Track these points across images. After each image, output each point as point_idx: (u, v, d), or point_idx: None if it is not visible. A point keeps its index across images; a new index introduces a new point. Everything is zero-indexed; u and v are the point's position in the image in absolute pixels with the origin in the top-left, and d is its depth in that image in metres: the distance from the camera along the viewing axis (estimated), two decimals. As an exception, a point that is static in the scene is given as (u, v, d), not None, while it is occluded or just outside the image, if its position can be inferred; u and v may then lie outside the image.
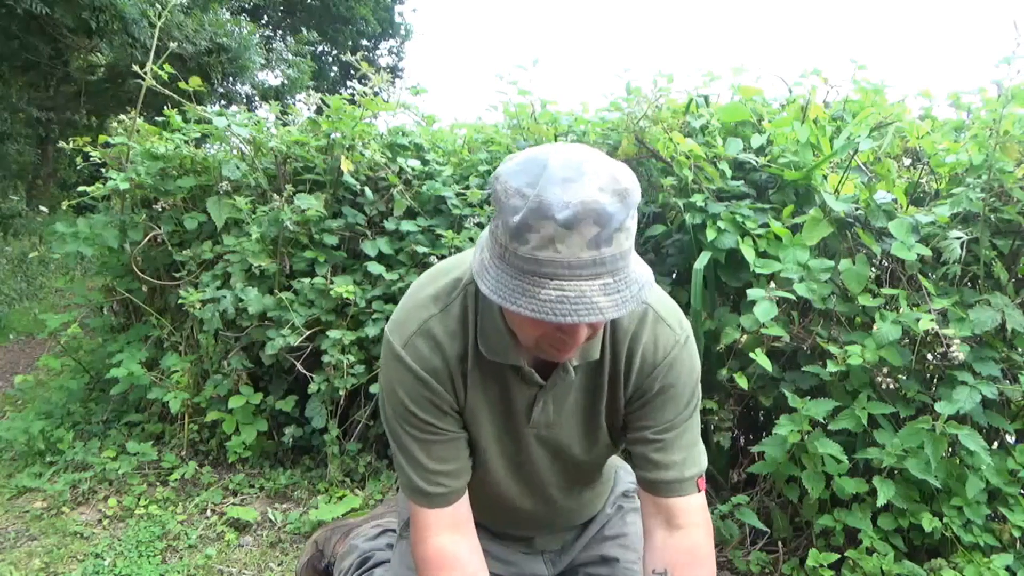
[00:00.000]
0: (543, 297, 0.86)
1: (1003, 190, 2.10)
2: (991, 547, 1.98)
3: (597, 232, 0.84)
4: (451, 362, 1.08)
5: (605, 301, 0.87)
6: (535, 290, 0.86)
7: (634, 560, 1.31)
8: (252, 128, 3.10)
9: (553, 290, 0.85)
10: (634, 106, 2.51)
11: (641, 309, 1.12)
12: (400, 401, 1.10)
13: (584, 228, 0.83)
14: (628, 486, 1.46)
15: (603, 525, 1.41)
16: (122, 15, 8.29)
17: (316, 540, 1.82)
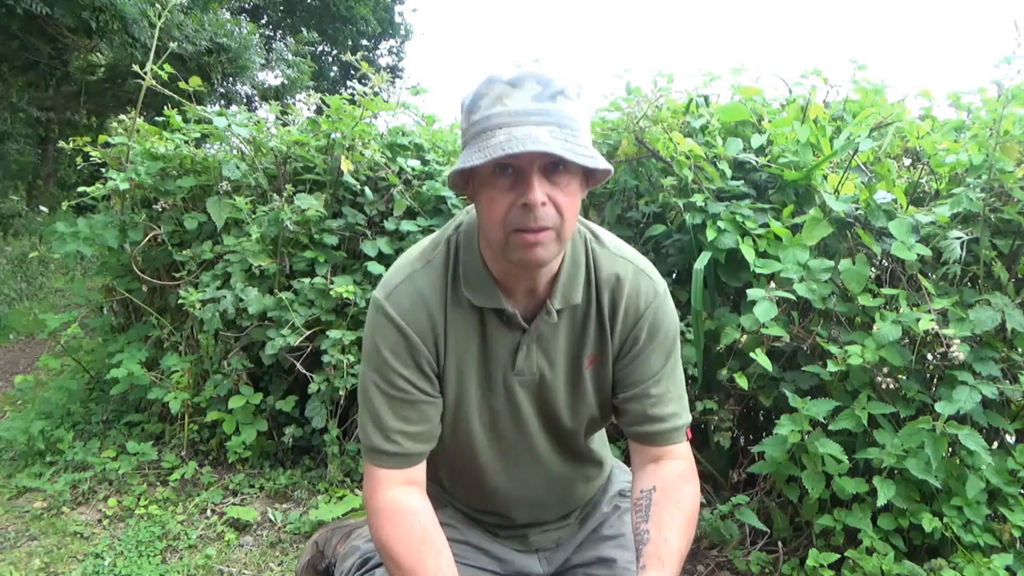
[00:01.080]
0: (493, 143, 0.96)
1: (1003, 190, 2.10)
2: (991, 547, 1.98)
3: (540, 90, 0.98)
4: (434, 314, 1.12)
5: (551, 139, 0.95)
6: (487, 142, 0.97)
7: (631, 560, 1.29)
8: (252, 128, 3.10)
9: (502, 136, 0.95)
10: (634, 106, 2.51)
11: (621, 263, 1.20)
12: (379, 353, 1.12)
13: (527, 85, 0.98)
14: (624, 485, 1.46)
15: (600, 524, 1.40)
16: (122, 15, 8.29)
17: (316, 540, 1.82)
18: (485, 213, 1.05)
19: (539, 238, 1.01)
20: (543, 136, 0.94)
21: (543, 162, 0.99)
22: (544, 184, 0.99)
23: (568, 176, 1.02)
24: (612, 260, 1.19)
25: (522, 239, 1.01)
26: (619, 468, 1.50)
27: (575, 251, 1.17)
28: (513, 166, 0.99)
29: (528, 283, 1.13)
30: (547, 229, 1.01)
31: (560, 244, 1.06)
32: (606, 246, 1.20)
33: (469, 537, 1.34)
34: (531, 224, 1.00)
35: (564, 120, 0.98)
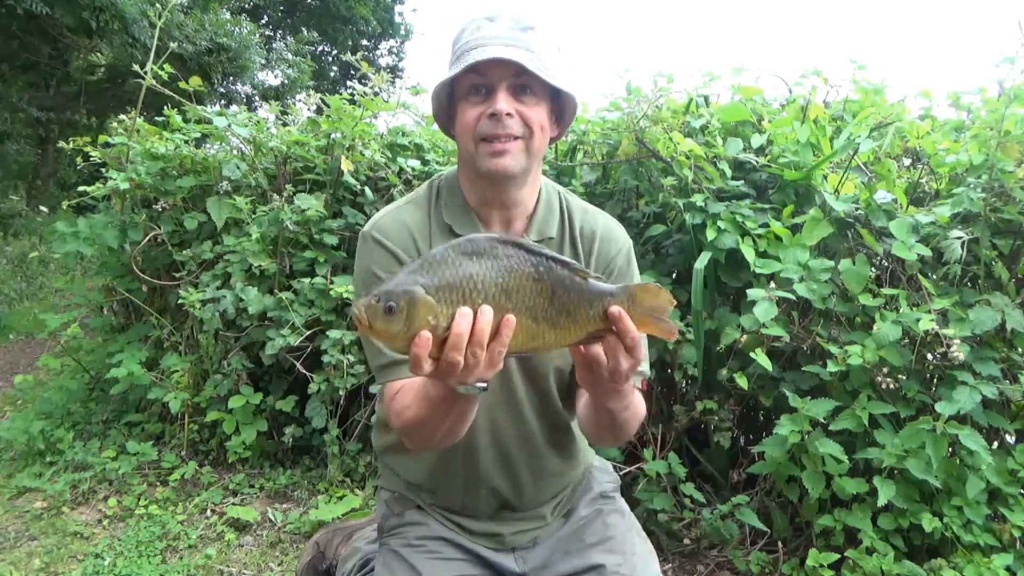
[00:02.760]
0: (468, 59, 1.09)
1: (1003, 190, 2.10)
2: (991, 547, 1.98)
3: (514, 23, 1.14)
4: (418, 240, 1.22)
5: (519, 54, 1.09)
6: (462, 59, 1.11)
7: (619, 563, 1.28)
8: (252, 128, 3.10)
9: (476, 52, 1.10)
10: (634, 106, 2.50)
11: (594, 211, 1.33)
12: (372, 274, 1.19)
13: (503, 20, 1.14)
14: (606, 486, 1.44)
15: (581, 528, 1.37)
16: (122, 15, 8.30)
17: (317, 541, 1.82)
18: (459, 127, 1.16)
19: (506, 147, 1.12)
20: (511, 51, 1.08)
21: (512, 81, 1.12)
22: (511, 100, 1.12)
23: (535, 99, 1.14)
24: (585, 209, 1.33)
25: (490, 148, 1.12)
26: (600, 469, 1.48)
27: (548, 195, 1.29)
28: (484, 85, 1.12)
29: (503, 212, 1.22)
30: (514, 139, 1.12)
31: (529, 158, 1.16)
32: (579, 201, 1.34)
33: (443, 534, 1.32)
34: (498, 131, 1.11)
35: (532, 47, 1.12)
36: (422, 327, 0.84)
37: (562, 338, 0.92)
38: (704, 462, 2.55)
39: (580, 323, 0.91)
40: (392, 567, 1.27)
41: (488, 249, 0.89)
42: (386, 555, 1.31)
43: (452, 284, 0.86)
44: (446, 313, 0.85)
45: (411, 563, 1.25)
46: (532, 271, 0.90)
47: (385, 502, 1.40)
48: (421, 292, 0.84)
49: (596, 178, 2.73)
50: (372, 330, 0.85)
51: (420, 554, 1.27)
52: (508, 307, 0.88)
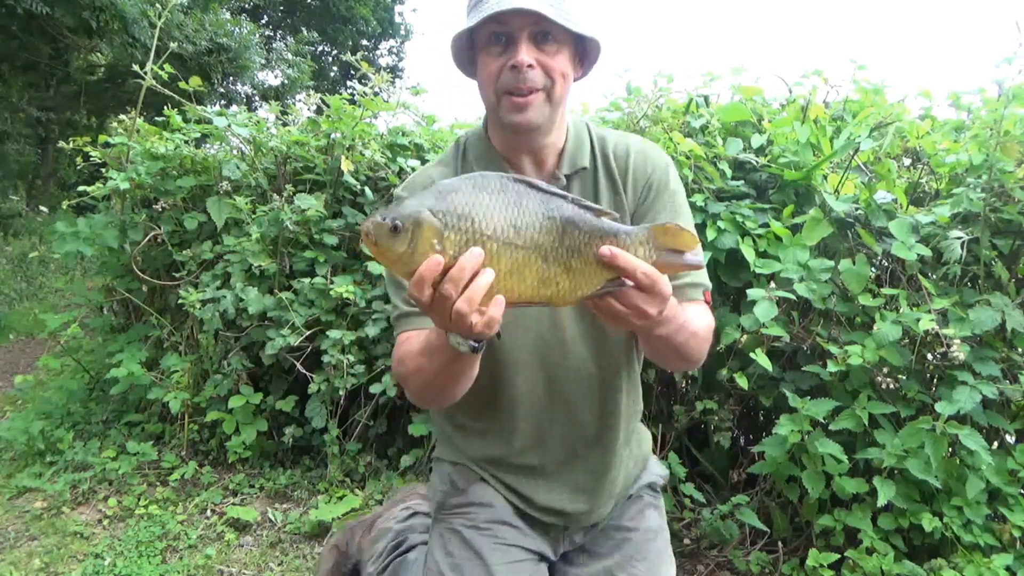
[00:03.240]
0: (485, 7, 1.06)
1: (1003, 190, 2.10)
2: (991, 547, 1.98)
3: None
4: None
5: (539, 2, 1.04)
6: (480, 9, 1.07)
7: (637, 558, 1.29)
8: (252, 128, 3.10)
9: (494, 2, 1.06)
10: (634, 106, 2.51)
11: (626, 136, 1.29)
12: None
13: None
14: (656, 478, 1.44)
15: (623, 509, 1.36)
16: (122, 15, 8.30)
17: (336, 544, 1.79)
18: (481, 77, 1.14)
19: (528, 100, 1.10)
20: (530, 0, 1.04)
21: (532, 29, 1.09)
22: (532, 50, 1.09)
23: (557, 45, 1.11)
24: (617, 135, 1.29)
25: (512, 102, 1.11)
26: (655, 461, 1.48)
27: (577, 129, 1.26)
28: (505, 34, 1.10)
29: (532, 154, 1.21)
30: (536, 91, 1.10)
31: (552, 107, 1.14)
32: (609, 130, 1.31)
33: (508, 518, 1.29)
34: (520, 85, 1.09)
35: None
36: (426, 250, 0.83)
37: (578, 285, 0.89)
38: (704, 462, 2.55)
39: (594, 266, 0.88)
40: (453, 550, 1.23)
41: (500, 184, 0.88)
42: (446, 535, 1.27)
43: (461, 212, 0.85)
44: (452, 240, 0.84)
45: (476, 549, 1.22)
46: (542, 207, 0.88)
47: (448, 475, 1.34)
48: (428, 215, 0.84)
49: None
50: (377, 248, 0.84)
51: (486, 538, 1.23)
52: (517, 242, 0.86)
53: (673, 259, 0.91)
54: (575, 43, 1.15)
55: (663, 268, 0.90)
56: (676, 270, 0.93)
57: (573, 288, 0.89)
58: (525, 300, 0.88)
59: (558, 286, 0.88)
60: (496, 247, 0.85)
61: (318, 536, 2.50)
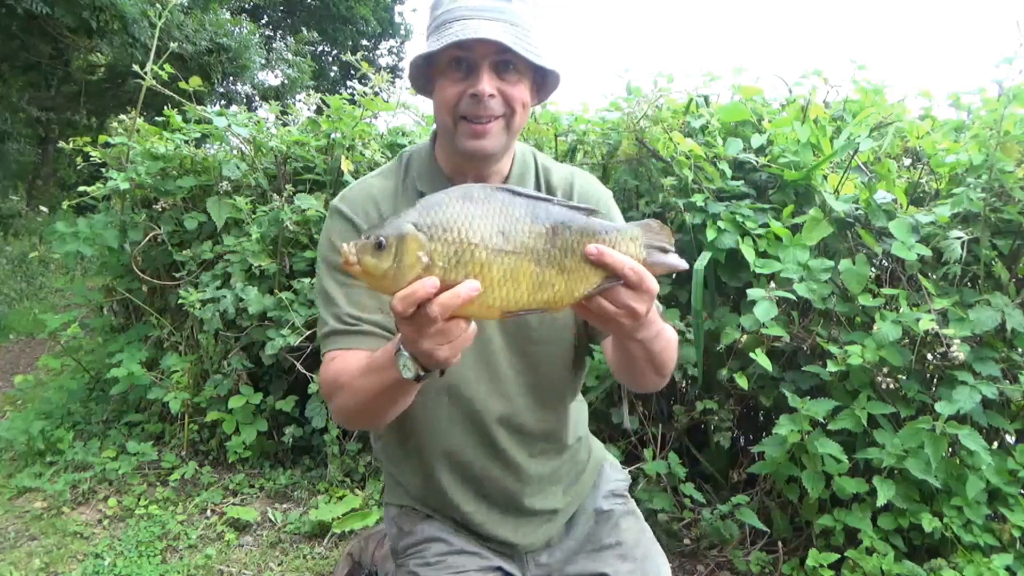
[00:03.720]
0: (448, 33, 1.05)
1: (1003, 190, 2.10)
2: (991, 547, 1.98)
3: None
4: (382, 207, 1.19)
5: (502, 33, 1.04)
6: (443, 33, 1.06)
7: (630, 570, 1.26)
8: (252, 128, 3.10)
9: (457, 27, 1.05)
10: (634, 106, 2.50)
11: (569, 168, 1.30)
12: (331, 245, 1.17)
13: None
14: (616, 485, 1.41)
15: (594, 529, 1.34)
16: (122, 15, 8.30)
17: (350, 553, 1.79)
18: (437, 100, 1.13)
19: (487, 128, 1.10)
20: (494, 29, 1.04)
21: (494, 58, 1.08)
22: (494, 79, 1.08)
23: (518, 75, 1.11)
24: (560, 167, 1.31)
25: (470, 128, 1.10)
26: (611, 465, 1.45)
27: (524, 157, 1.26)
28: (467, 60, 1.09)
29: (477, 179, 1.19)
30: (495, 119, 1.10)
31: (509, 136, 1.13)
32: (553, 162, 1.32)
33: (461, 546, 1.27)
34: (480, 112, 1.08)
35: (516, 19, 1.08)
36: (412, 263, 0.81)
37: (574, 285, 0.88)
38: (704, 462, 2.55)
39: (588, 265, 0.88)
40: None
41: (484, 194, 0.86)
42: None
43: (445, 223, 0.83)
44: (440, 252, 0.82)
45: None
46: (528, 211, 0.87)
47: (394, 520, 1.35)
48: (411, 228, 0.82)
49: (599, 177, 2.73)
50: (361, 267, 0.82)
51: (439, 571, 1.22)
52: (507, 248, 0.84)
53: (660, 257, 0.92)
54: (534, 73, 1.15)
55: (650, 267, 0.90)
56: (662, 270, 0.92)
57: (569, 289, 0.88)
58: (523, 307, 0.87)
59: (554, 288, 0.87)
60: (486, 255, 0.84)
61: (318, 536, 2.50)
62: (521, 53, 1.05)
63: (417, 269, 0.82)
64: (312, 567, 2.33)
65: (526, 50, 1.06)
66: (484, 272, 0.84)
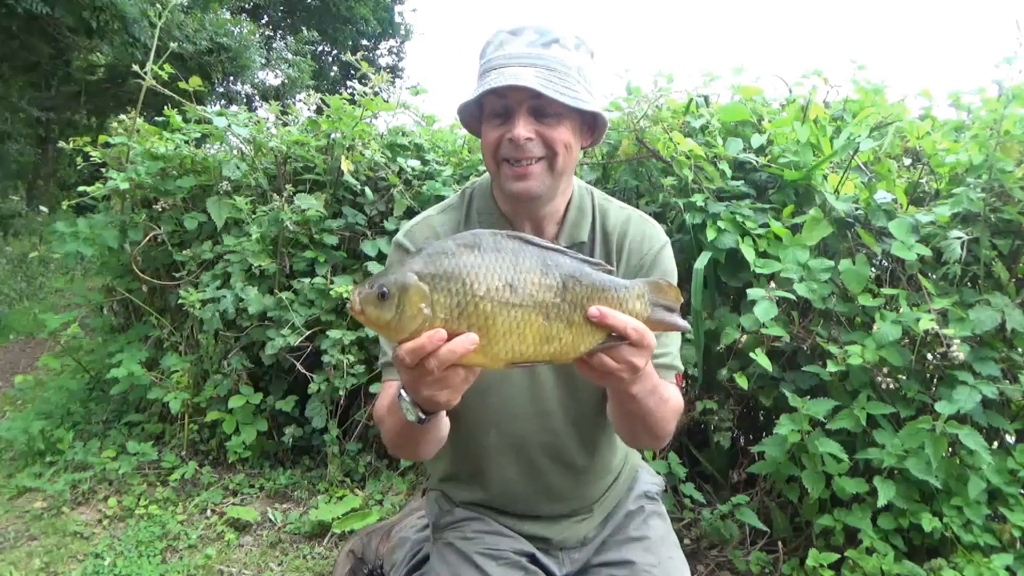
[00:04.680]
0: (485, 81, 1.09)
1: (1003, 190, 2.10)
2: (991, 547, 1.98)
3: (537, 38, 1.11)
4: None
5: (534, 78, 1.06)
6: (482, 81, 1.10)
7: (654, 563, 1.29)
8: (252, 128, 3.10)
9: (494, 75, 1.08)
10: (634, 106, 2.50)
11: (627, 211, 1.30)
12: None
13: (526, 34, 1.12)
14: (650, 487, 1.45)
15: (623, 525, 1.38)
16: (122, 15, 8.30)
17: (352, 550, 1.79)
18: (483, 144, 1.17)
19: (528, 170, 1.11)
20: (526, 75, 1.06)
21: (531, 103, 1.09)
22: (532, 123, 1.10)
23: (557, 118, 1.11)
24: (619, 210, 1.30)
25: (512, 171, 1.12)
26: (646, 470, 1.49)
27: (581, 199, 1.27)
28: (505, 106, 1.11)
29: (534, 221, 1.22)
30: (536, 160, 1.11)
31: (554, 177, 1.14)
32: (612, 202, 1.31)
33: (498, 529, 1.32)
34: (518, 155, 1.10)
35: (554, 64, 1.09)
36: (414, 314, 0.81)
37: (581, 339, 0.88)
38: (704, 462, 2.55)
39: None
40: (448, 559, 1.27)
41: (493, 243, 0.85)
42: (442, 548, 1.31)
43: (451, 274, 0.82)
44: (443, 303, 0.82)
45: (471, 558, 1.25)
46: (539, 263, 0.85)
47: (435, 500, 1.40)
48: (414, 279, 0.82)
49: (596, 178, 2.73)
50: (365, 316, 0.83)
51: (480, 547, 1.27)
52: (514, 300, 0.84)
53: (664, 316, 0.92)
54: (580, 116, 1.15)
55: (654, 325, 0.90)
56: (665, 329, 0.93)
57: (576, 344, 0.87)
58: (527, 359, 0.86)
59: (561, 342, 0.86)
60: (490, 307, 0.83)
61: (318, 536, 2.50)
62: (553, 96, 1.06)
63: (419, 320, 0.82)
64: (312, 567, 2.33)
65: (560, 93, 1.07)
66: (488, 324, 0.83)
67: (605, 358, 0.89)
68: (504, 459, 1.28)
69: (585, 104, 1.10)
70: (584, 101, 1.10)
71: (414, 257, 0.85)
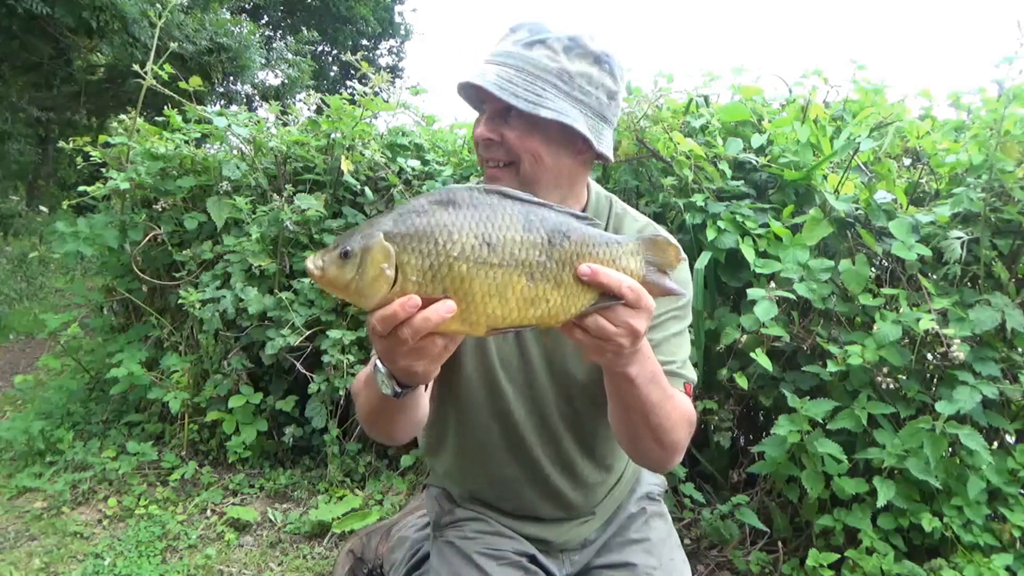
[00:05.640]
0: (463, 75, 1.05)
1: (1003, 190, 2.10)
2: (991, 547, 1.98)
3: (525, 36, 1.04)
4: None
5: (493, 77, 1.01)
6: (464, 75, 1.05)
7: (655, 566, 1.28)
8: (252, 128, 3.10)
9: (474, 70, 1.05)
10: (634, 106, 2.50)
11: (643, 222, 1.23)
12: None
13: (520, 32, 1.06)
14: (653, 488, 1.44)
15: (625, 527, 1.37)
16: (122, 15, 8.30)
17: (351, 549, 1.79)
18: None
19: (495, 173, 1.08)
20: (490, 74, 1.02)
21: (498, 104, 1.04)
22: (500, 124, 1.05)
23: (527, 124, 1.04)
24: (634, 221, 1.23)
25: (488, 171, 1.10)
26: (649, 471, 1.46)
27: (597, 207, 1.22)
28: (482, 102, 1.09)
29: None
30: (504, 165, 1.07)
31: (523, 185, 1.05)
32: (628, 212, 1.26)
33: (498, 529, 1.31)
34: (485, 155, 1.09)
35: (526, 65, 1.03)
36: (375, 276, 0.74)
37: (571, 301, 0.79)
38: (704, 462, 2.55)
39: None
40: (448, 557, 1.26)
41: (469, 199, 0.77)
42: (442, 546, 1.31)
43: (421, 232, 0.75)
44: (414, 265, 0.75)
45: (466, 553, 1.24)
46: (520, 219, 0.77)
47: (436, 499, 1.38)
48: (379, 238, 0.75)
49: (596, 178, 2.73)
50: (324, 278, 0.76)
51: (480, 546, 1.26)
52: (493, 260, 0.76)
53: (658, 278, 0.85)
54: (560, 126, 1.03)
55: (649, 287, 0.83)
56: (658, 292, 0.84)
57: (566, 306, 0.79)
58: (511, 324, 0.78)
59: (548, 304, 0.78)
60: (466, 269, 0.75)
61: (318, 536, 2.50)
62: (501, 97, 0.99)
63: (382, 283, 0.75)
64: (312, 567, 2.33)
65: (514, 95, 0.99)
66: (465, 287, 0.76)
67: (601, 320, 0.81)
68: (506, 457, 1.26)
69: (542, 111, 1.00)
70: (544, 107, 1.00)
71: (383, 215, 0.78)
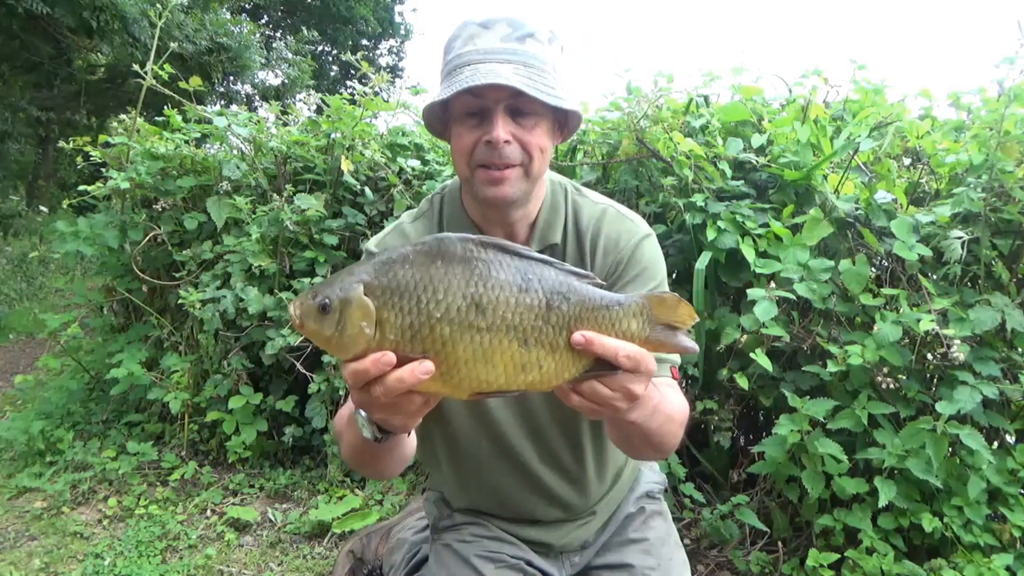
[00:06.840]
0: (459, 79, 0.99)
1: (1003, 190, 2.10)
2: (991, 547, 1.98)
3: (510, 31, 1.02)
4: None
5: (513, 75, 0.98)
6: (455, 78, 1.00)
7: (653, 566, 1.28)
8: (252, 128, 3.10)
9: (468, 72, 0.99)
10: (634, 106, 2.50)
11: (602, 207, 1.20)
12: None
13: (498, 27, 1.03)
14: (652, 486, 1.43)
15: (623, 525, 1.36)
16: (122, 15, 8.30)
17: (351, 550, 1.79)
18: (454, 149, 1.08)
19: (504, 175, 1.04)
20: (505, 72, 0.98)
21: (508, 103, 1.02)
22: (509, 124, 1.03)
23: (535, 118, 1.04)
24: (593, 206, 1.21)
25: (487, 175, 1.05)
26: (648, 468, 1.46)
27: (555, 197, 1.20)
28: (481, 107, 1.03)
29: (505, 227, 1.15)
30: (512, 166, 1.04)
31: (529, 182, 1.08)
32: (586, 196, 1.23)
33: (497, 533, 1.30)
34: (496, 160, 1.03)
35: (530, 60, 1.02)
36: (356, 334, 0.70)
37: (564, 367, 0.74)
38: (704, 462, 2.55)
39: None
40: (446, 561, 1.26)
41: (462, 252, 0.72)
42: (440, 550, 1.30)
43: (403, 287, 0.70)
44: (392, 323, 0.70)
45: (464, 556, 1.23)
46: (517, 278, 0.72)
47: (434, 503, 1.38)
48: (359, 292, 0.70)
49: (596, 178, 2.73)
50: (304, 330, 0.72)
51: (478, 550, 1.25)
52: (480, 324, 0.70)
53: (666, 337, 0.78)
54: (554, 114, 1.08)
55: (653, 346, 0.77)
56: (667, 351, 0.79)
57: (559, 372, 0.74)
58: (498, 389, 0.73)
59: (541, 370, 0.73)
60: (449, 331, 0.70)
61: (318, 536, 2.50)
62: (535, 96, 0.98)
63: (362, 341, 0.70)
64: (312, 567, 2.33)
65: (541, 92, 1.00)
66: (447, 350, 0.71)
67: (597, 385, 0.77)
68: (498, 466, 1.25)
69: (565, 103, 1.03)
70: (563, 99, 1.03)
71: (367, 263, 0.73)
